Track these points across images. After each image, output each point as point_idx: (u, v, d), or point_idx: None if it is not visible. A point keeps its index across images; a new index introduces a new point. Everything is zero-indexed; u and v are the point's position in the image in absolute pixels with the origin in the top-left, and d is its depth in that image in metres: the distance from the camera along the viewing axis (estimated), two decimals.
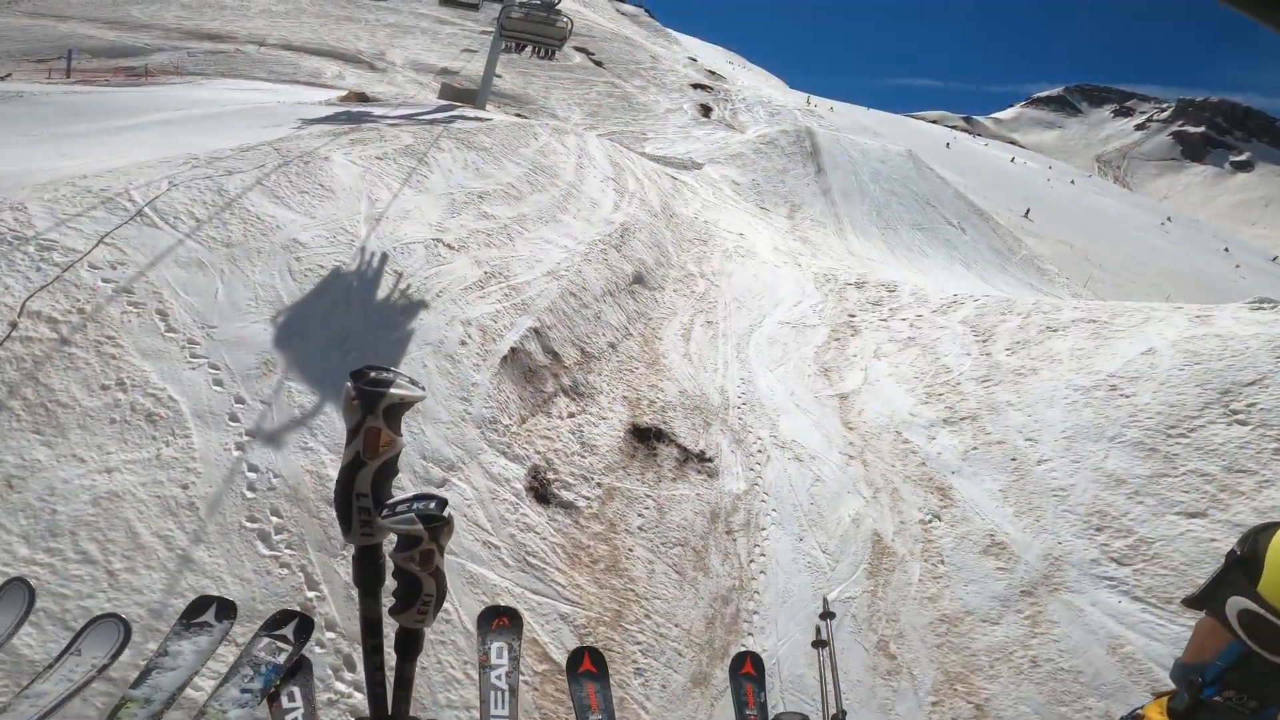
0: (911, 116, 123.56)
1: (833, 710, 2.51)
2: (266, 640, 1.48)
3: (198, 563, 4.41)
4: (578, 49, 34.93)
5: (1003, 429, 7.98)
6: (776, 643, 6.02)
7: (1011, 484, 7.40)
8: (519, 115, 22.94)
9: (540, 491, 5.90)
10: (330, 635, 4.53)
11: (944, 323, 10.71)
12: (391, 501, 1.24)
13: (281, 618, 1.54)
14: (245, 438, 4.57)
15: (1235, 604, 0.92)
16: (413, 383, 1.30)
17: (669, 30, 51.79)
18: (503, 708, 1.61)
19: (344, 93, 15.37)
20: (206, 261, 5.45)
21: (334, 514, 1.36)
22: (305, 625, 1.53)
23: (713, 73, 42.55)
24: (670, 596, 5.95)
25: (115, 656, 1.43)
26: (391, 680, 1.44)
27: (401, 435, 1.31)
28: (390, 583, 1.30)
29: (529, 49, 16.24)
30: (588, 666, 1.90)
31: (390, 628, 1.37)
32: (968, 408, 8.38)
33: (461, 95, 17.71)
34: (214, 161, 6.60)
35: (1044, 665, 5.96)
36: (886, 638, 6.30)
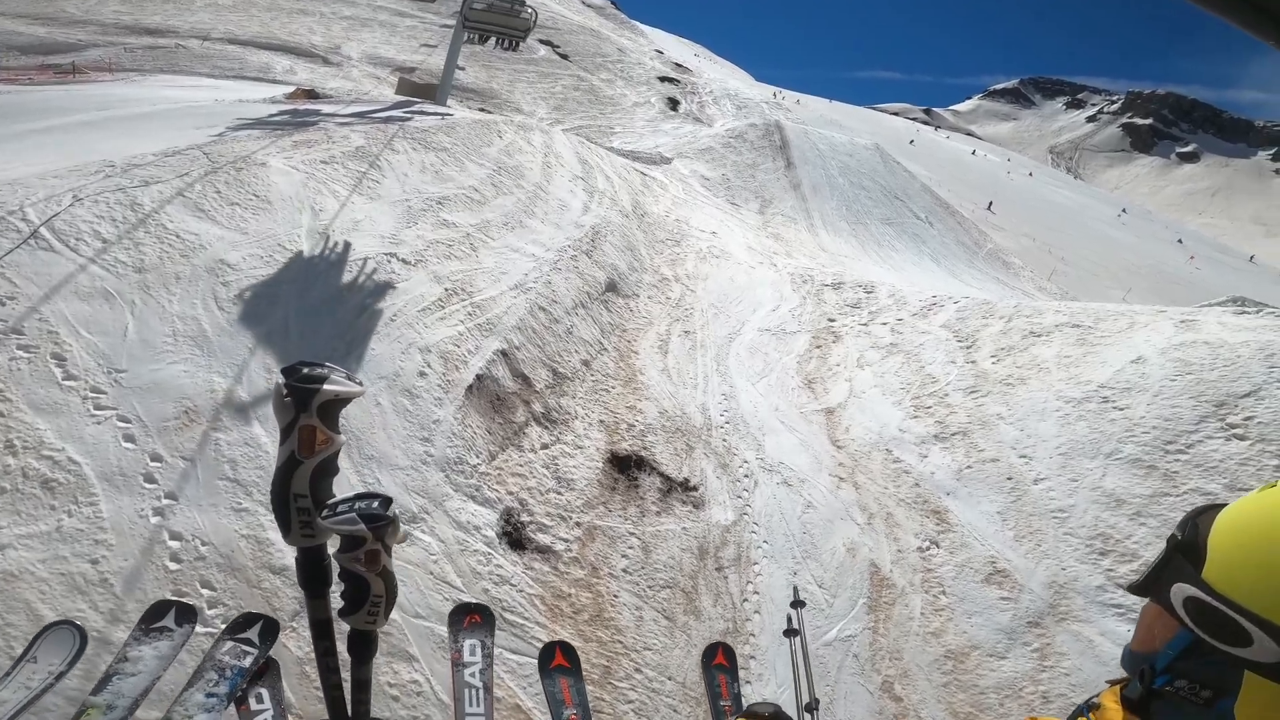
0: (874, 109, 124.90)
1: (805, 699, 2.51)
2: (231, 644, 1.44)
3: (118, 645, 3.77)
4: (543, 41, 34.11)
5: (996, 445, 7.66)
6: (776, 689, 5.57)
7: (1009, 505, 7.07)
8: (482, 110, 22.13)
9: (514, 537, 5.34)
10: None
11: (925, 327, 10.40)
12: (332, 501, 1.20)
13: (245, 621, 1.50)
14: (165, 501, 3.90)
15: (1180, 591, 0.88)
16: (349, 377, 1.25)
17: (635, 22, 51.06)
18: (478, 705, 1.59)
19: (291, 89, 14.42)
20: (114, 291, 4.65)
21: (277, 582, 1.56)
22: (270, 628, 1.49)
23: (679, 65, 42.08)
24: (660, 646, 5.46)
25: (72, 663, 1.41)
26: (349, 684, 1.42)
27: (340, 433, 1.25)
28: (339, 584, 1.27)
29: (492, 40, 15.75)
30: (560, 661, 1.91)
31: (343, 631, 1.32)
32: (958, 422, 8.04)
33: (420, 90, 16.91)
34: (131, 169, 5.76)
35: (1055, 701, 5.66)
36: (891, 678, 5.90)
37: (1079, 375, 8.25)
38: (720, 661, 2.13)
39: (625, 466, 6.51)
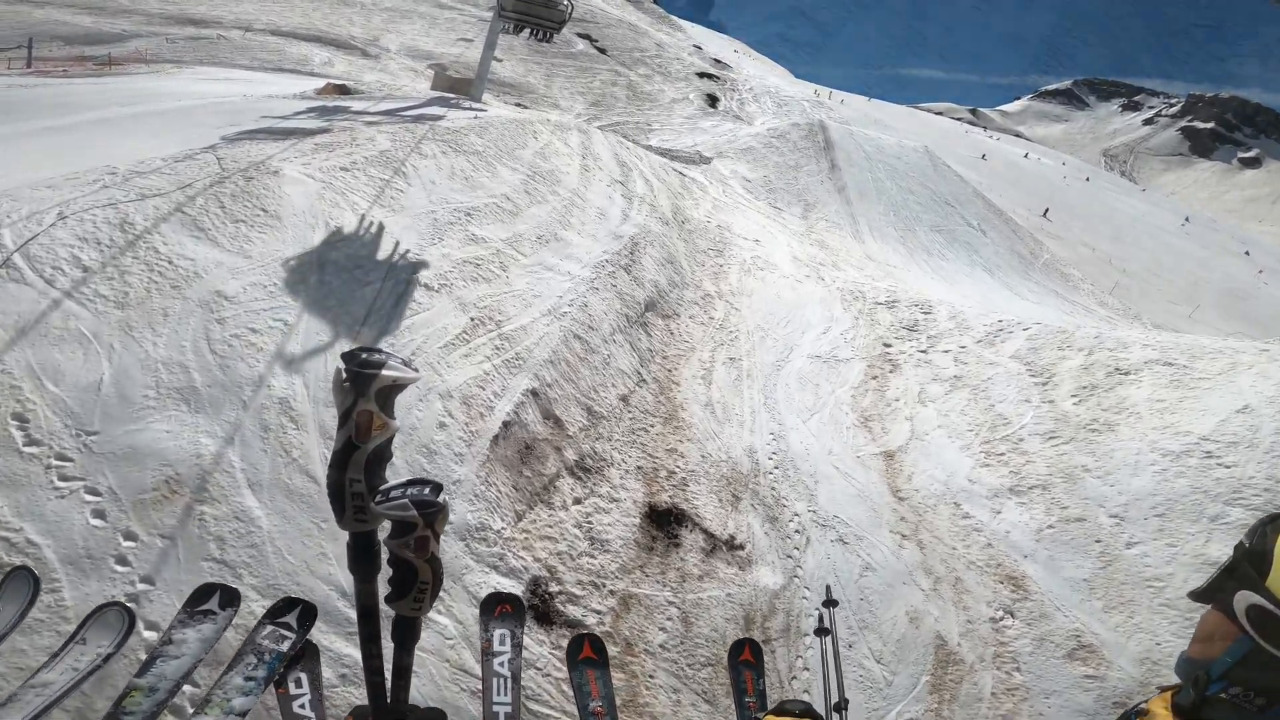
0: (918, 108, 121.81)
1: (835, 698, 2.44)
2: (270, 628, 1.50)
3: None
4: (581, 35, 33.48)
5: (1081, 502, 6.82)
6: None
7: (1098, 572, 6.25)
8: (519, 105, 21.58)
9: (542, 610, 4.73)
10: None
11: (994, 358, 9.52)
12: (385, 487, 1.25)
13: (284, 605, 1.56)
14: (139, 586, 3.36)
15: (1243, 599, 0.88)
16: (405, 364, 1.31)
17: (673, 17, 50.11)
18: (505, 695, 1.66)
19: (322, 85, 14.00)
20: (90, 333, 4.09)
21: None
22: (308, 612, 1.54)
23: (719, 61, 41.06)
24: None
25: (120, 645, 1.47)
26: (390, 670, 1.42)
27: (395, 419, 1.30)
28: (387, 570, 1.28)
29: (526, 31, 15.21)
30: (588, 654, 1.99)
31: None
32: (1036, 473, 7.20)
33: (456, 85, 16.41)
34: (132, 179, 5.20)
35: None
36: None
37: (1176, 424, 7.34)
38: (747, 658, 2.13)
39: (664, 522, 5.85)
